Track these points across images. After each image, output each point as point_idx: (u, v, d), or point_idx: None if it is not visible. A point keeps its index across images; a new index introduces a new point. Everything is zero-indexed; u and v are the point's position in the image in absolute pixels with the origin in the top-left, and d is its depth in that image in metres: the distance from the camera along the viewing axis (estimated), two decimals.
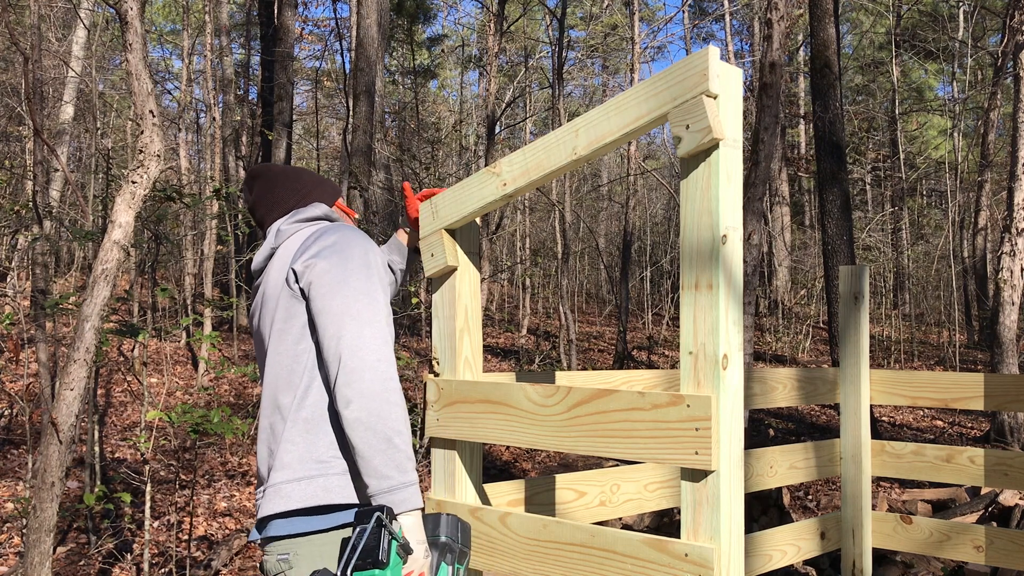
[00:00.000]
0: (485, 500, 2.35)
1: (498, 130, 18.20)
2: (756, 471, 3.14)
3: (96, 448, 5.56)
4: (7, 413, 7.73)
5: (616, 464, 7.17)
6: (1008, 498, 4.53)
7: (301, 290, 1.79)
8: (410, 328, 15.44)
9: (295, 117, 20.59)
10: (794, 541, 3.25)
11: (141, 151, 3.15)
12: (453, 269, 2.24)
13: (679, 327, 1.79)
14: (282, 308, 1.82)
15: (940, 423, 10.54)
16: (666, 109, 1.77)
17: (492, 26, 15.69)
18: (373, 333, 1.71)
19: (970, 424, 10.50)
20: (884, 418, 10.61)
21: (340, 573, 1.58)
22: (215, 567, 4.92)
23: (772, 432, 9.75)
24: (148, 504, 4.40)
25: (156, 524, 5.75)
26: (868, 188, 25.54)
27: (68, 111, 11.72)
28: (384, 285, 1.84)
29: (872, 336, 18.01)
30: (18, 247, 10.92)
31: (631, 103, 1.84)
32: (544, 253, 20.09)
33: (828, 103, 9.83)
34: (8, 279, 9.22)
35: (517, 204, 19.54)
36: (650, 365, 14.67)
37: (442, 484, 2.24)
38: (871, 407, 6.52)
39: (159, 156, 3.16)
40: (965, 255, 19.10)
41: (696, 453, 1.72)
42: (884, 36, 23.39)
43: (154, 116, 3.17)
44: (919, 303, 21.99)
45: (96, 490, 4.43)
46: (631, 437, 1.84)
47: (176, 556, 4.85)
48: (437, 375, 2.27)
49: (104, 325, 3.35)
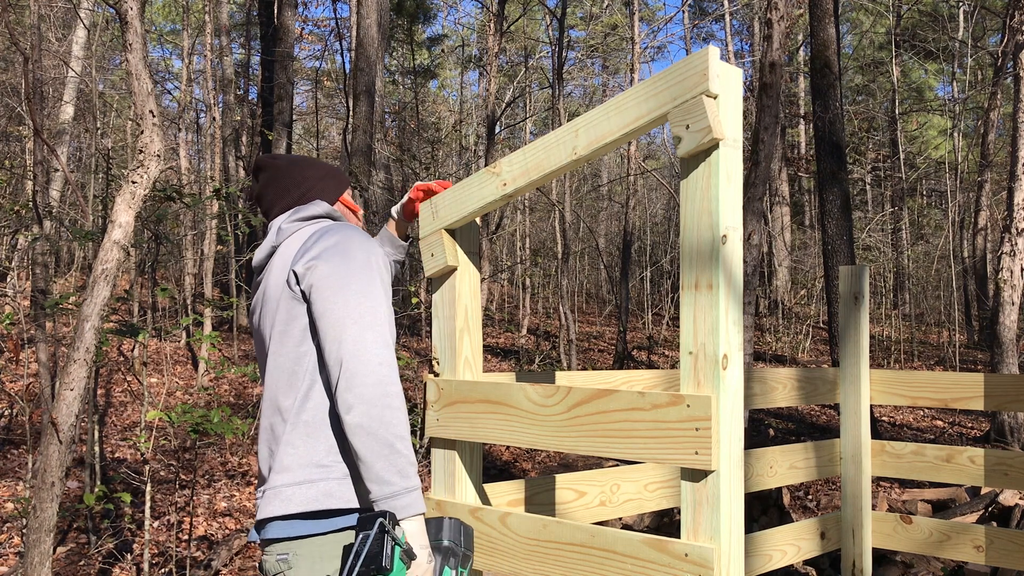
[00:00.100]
0: (485, 500, 2.35)
1: (498, 130, 18.19)
2: (756, 471, 3.14)
3: (96, 448, 5.56)
4: (7, 413, 7.73)
5: (616, 464, 7.17)
6: (1008, 498, 4.53)
7: (302, 292, 1.78)
8: (410, 328, 15.43)
9: (295, 117, 20.60)
10: (794, 541, 3.25)
11: (141, 151, 3.15)
12: (453, 269, 2.24)
13: (679, 327, 1.79)
14: (283, 310, 1.81)
15: (940, 423, 10.54)
16: (666, 109, 1.77)
17: (492, 26, 15.68)
18: (375, 337, 1.71)
19: (970, 424, 10.50)
20: (884, 418, 10.61)
21: None
22: (215, 567, 4.92)
23: (772, 432, 9.75)
24: (148, 504, 4.39)
25: (156, 524, 5.75)
26: (868, 188, 25.54)
27: (68, 111, 11.73)
28: (386, 286, 1.83)
29: (872, 336, 18.00)
30: (18, 247, 10.92)
31: (631, 103, 1.83)
32: (544, 253, 20.09)
33: (828, 103, 9.83)
34: (8, 279, 9.22)
35: (517, 204, 19.54)
36: (650, 365, 14.67)
37: (442, 484, 2.24)
38: (871, 407, 6.52)
39: (159, 156, 3.16)
40: (965, 255, 19.09)
41: (696, 453, 1.72)
42: (884, 36, 23.39)
43: (154, 116, 3.17)
44: (919, 303, 21.98)
45: (96, 490, 4.43)
46: (631, 437, 1.84)
47: (176, 556, 4.85)
48: (437, 375, 2.27)
49: (104, 325, 3.36)
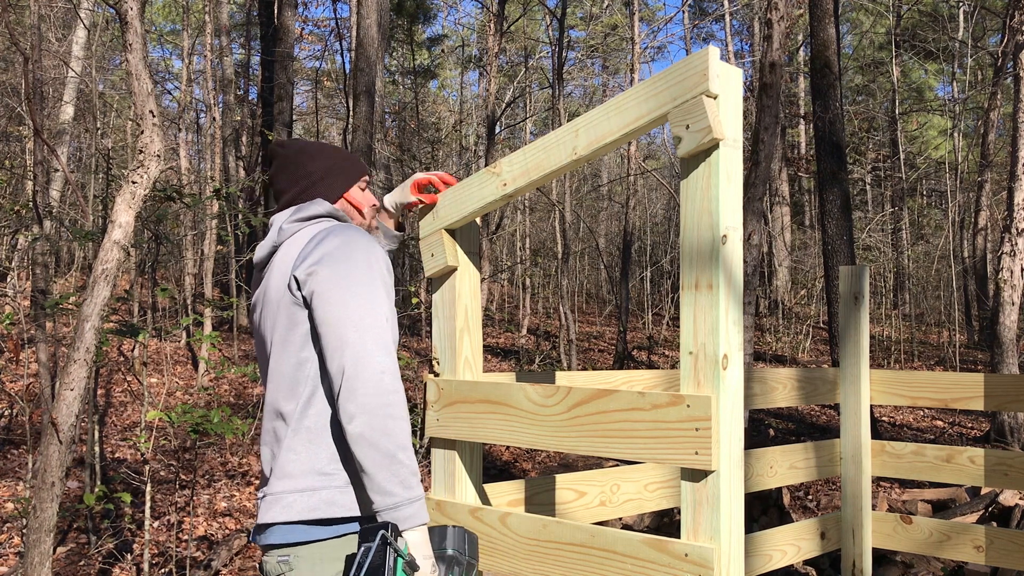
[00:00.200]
0: (485, 500, 2.35)
1: (498, 130, 18.20)
2: (756, 471, 3.14)
3: (96, 448, 5.56)
4: (7, 413, 7.73)
5: (616, 464, 7.17)
6: (1008, 498, 4.53)
7: (304, 299, 1.76)
8: (410, 328, 15.43)
9: (295, 117, 20.58)
10: (794, 541, 3.25)
11: (141, 151, 3.15)
12: (453, 269, 2.24)
13: (679, 327, 1.79)
14: (285, 315, 1.79)
15: (940, 423, 10.54)
16: (666, 109, 1.77)
17: (492, 26, 15.68)
18: (376, 345, 1.70)
19: (970, 424, 10.50)
20: (884, 418, 10.61)
21: None
22: (215, 567, 4.92)
23: (772, 432, 9.75)
24: (148, 504, 4.39)
25: (156, 524, 5.75)
26: (868, 188, 25.54)
27: (68, 111, 11.72)
28: (388, 289, 1.81)
29: (872, 336, 18.00)
30: (18, 247, 10.92)
31: (631, 103, 1.83)
32: (544, 253, 20.08)
33: (828, 103, 9.83)
34: (8, 279, 9.22)
35: (517, 204, 19.53)
36: (650, 365, 14.67)
37: (442, 484, 2.24)
38: (871, 407, 6.52)
39: (159, 156, 3.16)
40: (965, 255, 19.09)
41: (696, 453, 1.72)
42: (884, 36, 23.39)
43: (154, 116, 3.17)
44: (919, 303, 21.98)
45: (96, 490, 4.43)
46: (631, 437, 1.84)
47: (176, 556, 4.85)
48: (437, 375, 2.27)
49: (104, 325, 3.35)
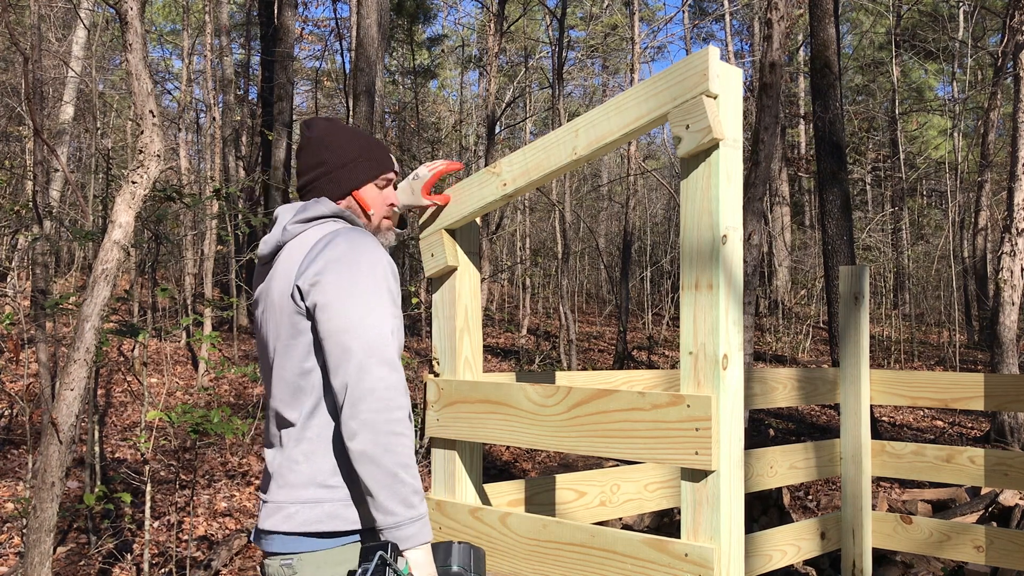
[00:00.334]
0: (485, 500, 2.35)
1: (498, 130, 18.20)
2: (756, 471, 3.14)
3: (96, 448, 5.56)
4: (7, 413, 7.73)
5: (616, 464, 7.16)
6: (1008, 498, 4.53)
7: (307, 309, 1.73)
8: (410, 328, 15.43)
9: (295, 117, 20.56)
10: (794, 541, 3.25)
11: (141, 151, 3.15)
12: (453, 269, 2.24)
13: (679, 327, 1.79)
14: (288, 324, 1.76)
15: (940, 423, 10.54)
16: (666, 109, 1.77)
17: (492, 26, 15.68)
18: (380, 358, 1.66)
19: (970, 424, 10.50)
20: (884, 418, 10.61)
21: None
22: (215, 567, 4.92)
23: (772, 432, 9.75)
24: (148, 504, 4.39)
25: (156, 524, 5.75)
26: (868, 188, 25.54)
27: (68, 111, 11.72)
28: (394, 296, 1.77)
29: (872, 336, 18.00)
30: (18, 247, 10.92)
31: (631, 103, 1.83)
32: (544, 253, 20.08)
33: (828, 103, 9.83)
34: (8, 279, 9.22)
35: (517, 204, 19.53)
36: (650, 365, 14.67)
37: (442, 484, 2.24)
38: (871, 407, 6.52)
39: (159, 156, 3.16)
40: (965, 255, 19.09)
41: (696, 453, 1.72)
42: (884, 36, 23.39)
43: (154, 116, 3.17)
44: (919, 303, 21.98)
45: (96, 490, 4.42)
46: (631, 437, 1.84)
47: (176, 556, 4.84)
48: (437, 375, 2.27)
49: (104, 325, 3.35)
